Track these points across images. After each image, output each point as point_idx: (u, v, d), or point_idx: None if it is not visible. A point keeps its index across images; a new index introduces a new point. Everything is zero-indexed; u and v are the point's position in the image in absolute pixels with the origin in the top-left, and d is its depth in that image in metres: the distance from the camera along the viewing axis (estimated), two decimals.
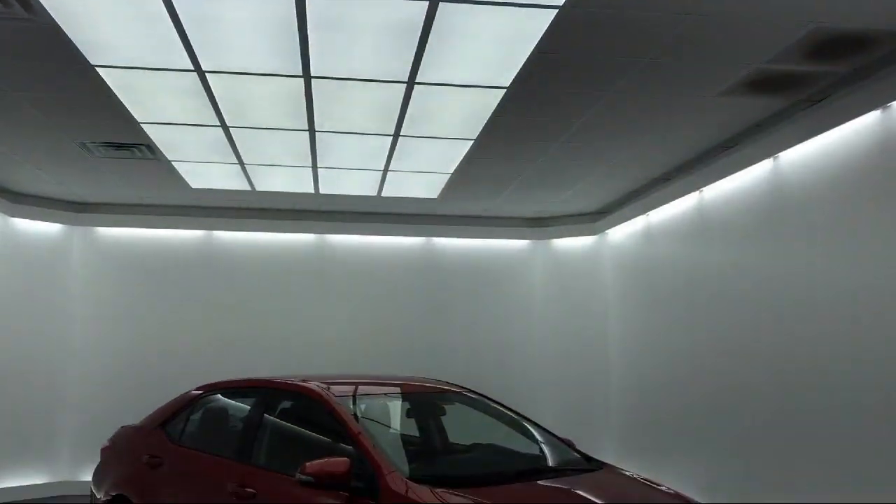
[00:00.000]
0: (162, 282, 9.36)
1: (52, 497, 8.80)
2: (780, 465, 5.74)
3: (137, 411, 6.36)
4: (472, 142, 6.51)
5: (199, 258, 9.47)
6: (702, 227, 7.08)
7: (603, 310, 9.34)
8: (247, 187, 8.24)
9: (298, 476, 3.97)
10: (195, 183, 8.11)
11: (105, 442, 6.07)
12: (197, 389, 5.65)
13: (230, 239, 9.55)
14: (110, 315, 9.24)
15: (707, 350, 6.87)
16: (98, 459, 6.01)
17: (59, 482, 8.90)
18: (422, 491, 3.79)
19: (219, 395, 5.49)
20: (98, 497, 5.70)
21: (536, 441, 5.01)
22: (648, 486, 4.43)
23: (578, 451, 4.95)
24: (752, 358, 6.14)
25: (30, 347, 8.76)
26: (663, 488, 4.43)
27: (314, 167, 7.38)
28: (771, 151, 5.90)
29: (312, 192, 8.41)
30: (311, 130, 6.26)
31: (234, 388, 5.45)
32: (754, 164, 6.14)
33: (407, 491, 3.80)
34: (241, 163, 7.25)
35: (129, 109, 5.82)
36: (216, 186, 8.28)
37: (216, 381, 5.70)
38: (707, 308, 6.89)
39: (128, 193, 8.72)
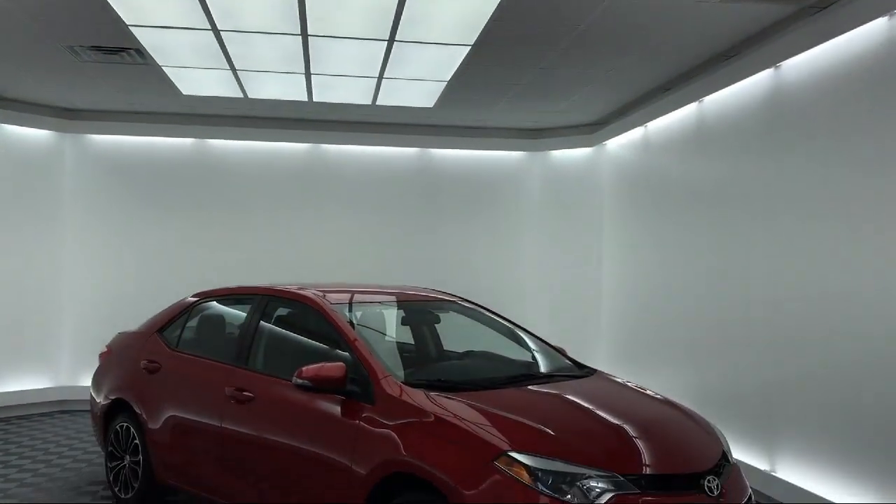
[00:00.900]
0: (154, 190, 9.31)
1: (52, 401, 8.98)
2: (774, 375, 5.86)
3: (133, 318, 6.43)
4: (469, 48, 6.37)
5: (192, 166, 9.39)
6: (701, 137, 7.01)
7: (599, 221, 9.34)
8: (239, 94, 8.10)
9: (295, 380, 4.05)
10: (186, 89, 7.97)
11: (103, 347, 6.15)
12: (193, 296, 5.69)
13: (223, 147, 9.45)
14: (103, 222, 9.22)
15: (703, 261, 6.91)
16: (97, 364, 6.11)
17: (59, 387, 9.06)
18: (416, 394, 3.87)
19: (214, 302, 5.53)
20: (98, 401, 5.82)
21: (529, 348, 5.09)
22: (638, 392, 4.53)
23: (570, 359, 5.04)
24: (748, 269, 6.17)
25: (23, 255, 8.77)
26: (652, 393, 4.52)
27: (307, 74, 7.24)
28: (773, 60, 5.79)
29: (306, 99, 8.27)
30: (304, 35, 6.11)
31: (230, 296, 5.49)
32: (755, 73, 6.04)
33: (401, 394, 3.88)
34: (233, 68, 7.11)
35: (117, 10, 5.65)
36: (208, 93, 8.14)
37: (211, 288, 5.74)
38: (705, 219, 6.89)
39: (118, 100, 8.58)
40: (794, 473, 5.49)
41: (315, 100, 8.27)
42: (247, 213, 9.44)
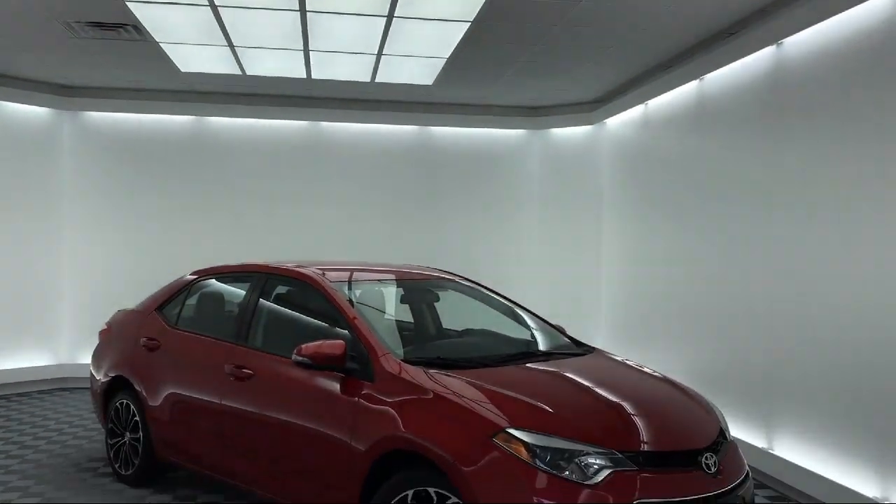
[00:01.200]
0: (153, 167, 9.28)
1: (52, 378, 9.00)
2: (772, 354, 5.87)
3: (132, 296, 6.43)
4: (468, 24, 6.32)
5: (191, 144, 9.36)
6: (701, 115, 6.98)
7: (598, 199, 9.33)
8: (237, 71, 8.05)
9: (294, 357, 4.06)
10: (184, 66, 7.92)
11: (103, 325, 6.16)
12: (192, 274, 5.69)
13: (221, 125, 9.41)
14: (102, 200, 9.20)
15: (703, 239, 6.90)
16: (97, 342, 6.12)
17: (59, 365, 9.08)
18: (415, 372, 3.88)
19: (213, 280, 5.53)
20: (98, 378, 5.83)
21: (528, 327, 5.10)
22: (637, 370, 4.54)
23: (569, 337, 5.05)
24: (748, 247, 6.17)
25: (22, 233, 8.76)
26: (651, 371, 4.54)
27: (305, 50, 7.19)
28: (774, 37, 5.75)
29: (304, 77, 8.23)
30: (303, 10, 6.06)
31: (229, 273, 5.49)
32: (756, 50, 6.00)
33: (400, 372, 3.89)
34: (231, 45, 7.06)
35: None
36: (206, 70, 8.09)
37: (210, 266, 5.73)
38: (704, 197, 6.88)
39: (116, 77, 8.53)
40: (791, 451, 5.52)
41: (314, 77, 8.23)
42: (245, 190, 9.42)
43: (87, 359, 6.67)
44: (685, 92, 7.25)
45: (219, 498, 5.17)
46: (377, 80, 8.29)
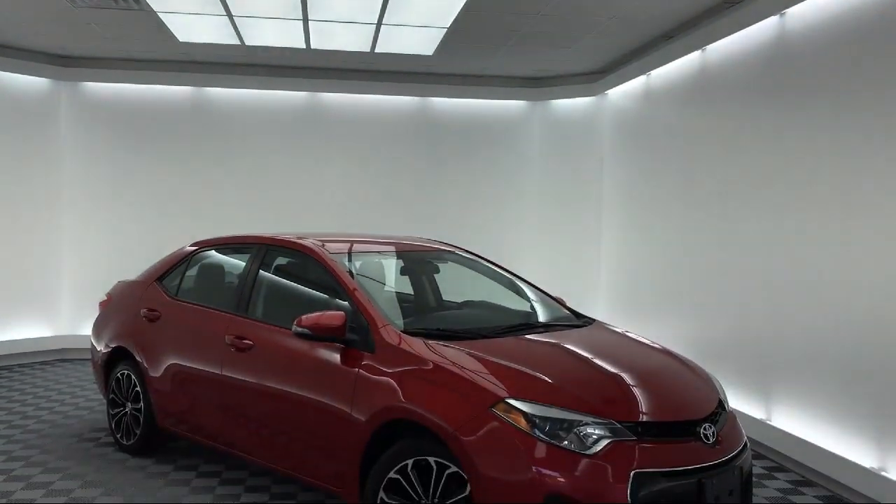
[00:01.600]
0: (152, 138, 9.23)
1: (53, 350, 9.03)
2: (771, 325, 5.88)
3: (132, 267, 6.43)
4: None
5: (189, 115, 9.30)
6: (703, 86, 6.93)
7: (599, 171, 9.29)
8: (236, 41, 7.98)
9: (295, 328, 4.07)
10: (182, 36, 7.85)
11: (103, 296, 6.16)
12: (192, 245, 5.68)
13: (220, 96, 9.34)
14: (101, 171, 9.17)
15: (703, 211, 6.89)
16: (97, 313, 6.13)
17: (60, 336, 9.11)
18: (415, 343, 3.89)
19: (213, 252, 5.52)
20: (98, 349, 5.85)
21: (528, 298, 5.11)
22: (636, 341, 4.55)
23: (569, 308, 5.06)
24: (748, 220, 6.16)
25: (21, 203, 8.74)
26: (651, 343, 4.55)
27: (305, 20, 7.12)
28: (778, 7, 5.68)
29: (303, 47, 8.16)
30: None
31: (229, 245, 5.48)
32: (760, 20, 5.94)
33: (400, 343, 3.90)
34: (230, 14, 6.99)
35: None
36: (204, 40, 8.01)
37: (210, 237, 5.73)
38: (705, 170, 6.85)
39: (115, 47, 8.46)
40: (789, 422, 5.55)
41: (313, 47, 8.16)
42: (245, 162, 9.38)
43: (87, 330, 6.69)
44: (687, 63, 7.19)
45: (220, 467, 5.21)
46: (377, 50, 8.22)
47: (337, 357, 4.03)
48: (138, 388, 5.36)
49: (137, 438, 5.38)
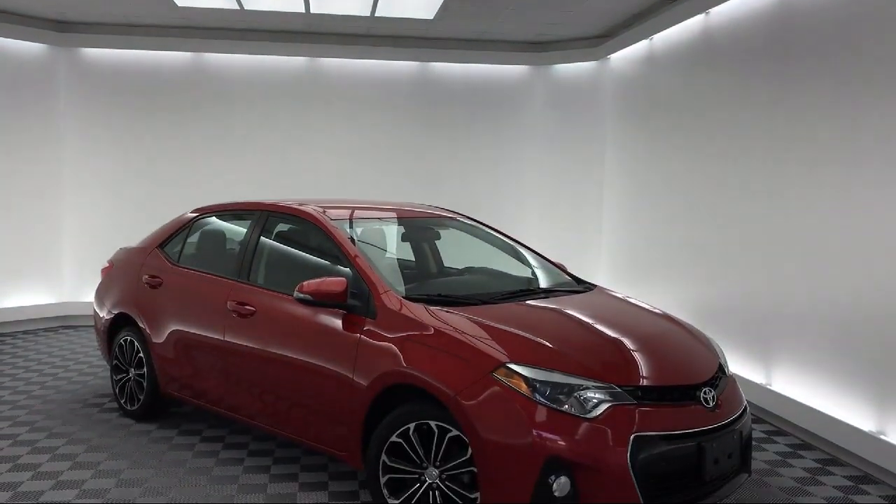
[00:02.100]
0: (151, 105, 9.17)
1: (56, 316, 9.07)
2: (772, 291, 5.89)
3: (133, 234, 6.44)
4: None
5: (189, 81, 9.23)
6: (706, 50, 6.86)
7: (602, 136, 9.24)
8: (235, 6, 7.90)
9: (296, 294, 4.08)
10: (182, 1, 7.76)
11: (105, 263, 6.17)
12: (193, 212, 5.67)
13: (219, 61, 9.26)
14: (100, 138, 9.12)
15: (705, 178, 6.86)
16: (99, 280, 6.14)
17: (62, 303, 9.14)
18: (416, 308, 3.90)
19: (214, 218, 5.52)
20: (101, 315, 5.87)
21: (529, 265, 5.11)
22: (637, 306, 4.56)
23: (570, 274, 5.07)
24: (750, 186, 6.13)
25: (22, 171, 8.71)
26: (651, 308, 4.56)
27: None
28: None
29: (303, 11, 8.07)
30: None
31: (230, 211, 5.47)
32: None
33: (401, 308, 3.91)
34: None
35: None
36: (203, 5, 7.93)
37: (210, 204, 5.72)
38: (708, 135, 6.81)
39: (113, 11, 8.37)
40: (788, 386, 5.58)
41: (312, 11, 8.07)
42: (245, 127, 9.33)
43: (89, 297, 6.72)
44: (691, 26, 7.11)
45: (224, 432, 5.26)
46: (377, 14, 8.14)
47: (338, 323, 4.05)
48: (141, 354, 5.39)
49: (141, 404, 5.42)
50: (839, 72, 5.09)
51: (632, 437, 3.26)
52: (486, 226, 5.44)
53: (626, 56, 8.64)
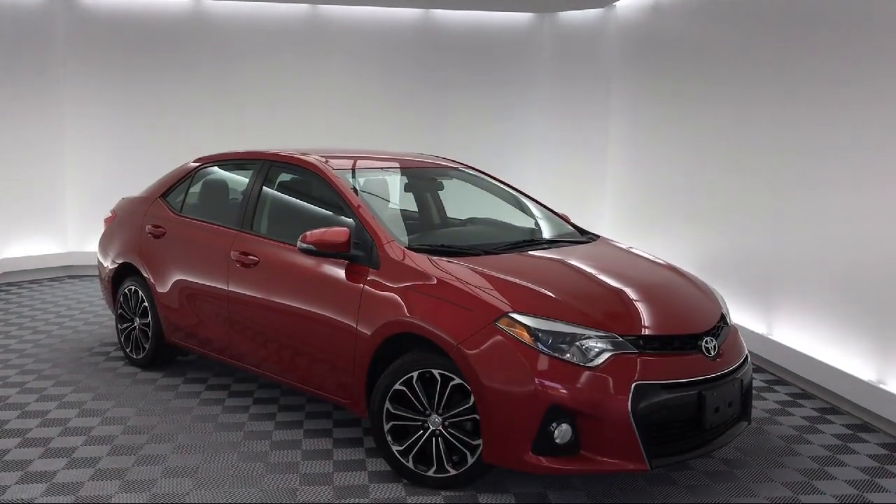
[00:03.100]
0: (152, 54, 9.07)
1: (60, 266, 9.11)
2: (774, 242, 5.88)
3: (135, 183, 6.42)
4: None
5: (190, 30, 9.10)
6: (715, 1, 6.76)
7: (607, 86, 9.14)
8: None
9: (299, 244, 4.08)
10: None
11: (108, 213, 6.17)
12: (195, 161, 5.64)
13: (220, 9, 9.12)
14: (101, 88, 9.04)
15: (710, 129, 6.80)
16: (102, 230, 6.14)
17: (67, 252, 9.16)
18: (419, 259, 3.90)
19: (216, 167, 5.49)
20: (105, 265, 5.89)
21: (532, 215, 5.10)
22: (640, 257, 4.56)
23: (573, 225, 5.06)
24: (754, 137, 6.08)
25: (23, 123, 8.66)
26: (654, 258, 4.56)
27: None
28: None
29: None
30: None
31: (232, 160, 5.44)
32: None
33: (404, 259, 3.92)
34: None
35: None
36: None
37: (212, 153, 5.68)
38: (714, 85, 6.73)
39: None
40: (789, 336, 5.60)
41: None
42: (246, 77, 9.24)
43: (94, 247, 6.72)
44: None
45: (229, 380, 5.31)
46: None
47: (342, 273, 4.06)
48: (146, 304, 5.41)
49: (147, 353, 5.47)
50: (849, 21, 5.00)
51: (633, 385, 3.29)
52: (490, 176, 5.42)
53: (632, 4, 8.50)
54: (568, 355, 3.32)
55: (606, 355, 3.34)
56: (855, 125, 4.93)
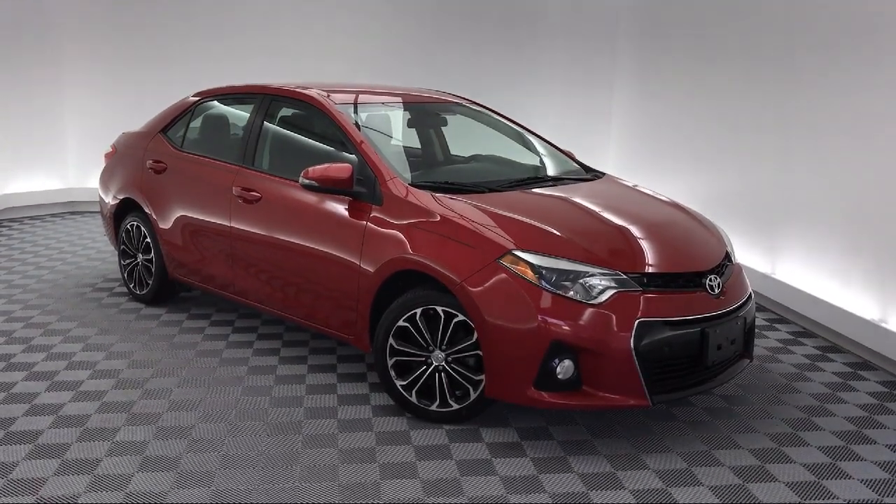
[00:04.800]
0: None
1: (62, 202, 9.08)
2: (779, 182, 5.84)
3: (134, 117, 6.34)
4: None
5: None
6: None
7: (613, 25, 8.97)
8: None
9: (302, 180, 4.04)
10: None
11: (108, 148, 6.11)
12: (194, 95, 5.56)
13: None
14: (99, 22, 8.87)
15: (718, 68, 6.69)
16: (102, 165, 6.09)
17: (68, 188, 9.12)
18: (422, 196, 3.87)
19: (216, 102, 5.41)
20: (107, 201, 5.86)
21: (537, 152, 5.05)
22: (645, 194, 4.53)
23: (578, 162, 5.01)
24: (763, 76, 5.98)
25: (22, 60, 8.52)
26: (659, 196, 4.52)
27: None
28: None
29: None
30: None
31: (232, 95, 5.36)
32: None
33: (407, 195, 3.88)
34: None
35: None
36: None
37: (212, 87, 5.59)
38: (724, 24, 6.60)
39: None
40: (792, 275, 5.60)
41: None
42: (249, 8, 9.04)
43: (95, 182, 6.68)
44: None
45: (233, 316, 5.33)
46: None
47: (345, 209, 4.03)
48: (148, 240, 5.40)
49: (150, 288, 5.48)
50: None
51: (636, 322, 3.29)
52: (494, 112, 5.34)
53: None
54: (571, 293, 3.31)
55: (610, 292, 3.33)
56: (861, 60, 4.83)
